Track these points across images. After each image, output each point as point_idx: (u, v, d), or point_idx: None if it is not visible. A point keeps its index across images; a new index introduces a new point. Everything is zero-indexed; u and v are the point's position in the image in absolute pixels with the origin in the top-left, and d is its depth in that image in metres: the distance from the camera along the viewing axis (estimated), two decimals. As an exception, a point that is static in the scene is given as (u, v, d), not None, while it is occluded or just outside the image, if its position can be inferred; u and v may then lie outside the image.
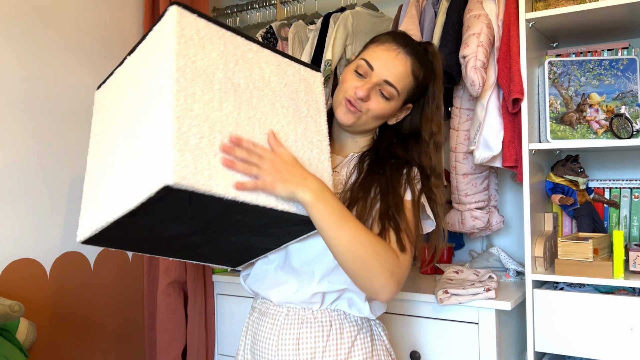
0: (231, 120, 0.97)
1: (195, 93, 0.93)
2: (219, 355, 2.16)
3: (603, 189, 1.85)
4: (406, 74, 1.18)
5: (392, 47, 1.18)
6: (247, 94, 1.01)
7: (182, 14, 0.95)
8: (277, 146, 1.02)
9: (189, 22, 0.96)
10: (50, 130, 1.80)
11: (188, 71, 0.92)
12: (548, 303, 1.60)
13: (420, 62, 1.20)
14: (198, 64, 0.94)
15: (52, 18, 1.81)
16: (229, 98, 0.98)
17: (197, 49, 0.95)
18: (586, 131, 1.68)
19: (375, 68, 1.17)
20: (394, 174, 1.17)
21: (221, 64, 0.98)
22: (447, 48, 1.73)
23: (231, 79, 0.99)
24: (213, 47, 0.98)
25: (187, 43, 0.94)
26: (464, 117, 1.82)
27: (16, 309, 1.40)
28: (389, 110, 1.20)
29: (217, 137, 0.94)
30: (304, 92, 1.13)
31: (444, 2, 1.82)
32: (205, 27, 0.98)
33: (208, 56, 0.97)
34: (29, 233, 1.73)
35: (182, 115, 0.89)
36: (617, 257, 1.55)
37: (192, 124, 0.90)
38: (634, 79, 1.66)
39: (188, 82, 0.92)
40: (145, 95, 0.98)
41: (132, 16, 2.10)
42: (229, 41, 1.02)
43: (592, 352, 1.55)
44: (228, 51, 1.01)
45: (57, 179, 1.81)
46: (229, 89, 0.98)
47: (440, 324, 1.67)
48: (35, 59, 1.76)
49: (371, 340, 1.21)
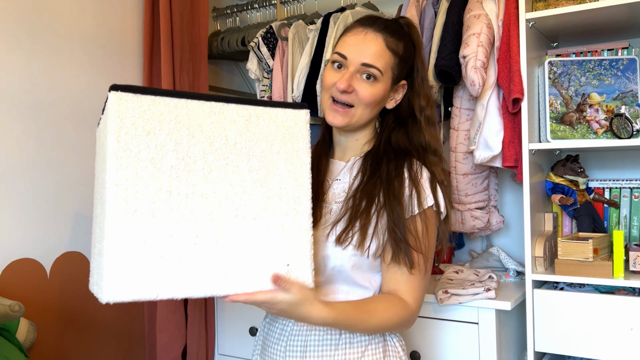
0: (184, 209, 0.91)
1: (139, 191, 0.87)
2: (219, 355, 2.16)
3: (603, 189, 1.85)
4: (382, 50, 1.13)
5: (359, 30, 1.15)
6: (205, 170, 0.93)
7: (121, 100, 0.88)
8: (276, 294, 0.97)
9: (130, 107, 0.88)
10: (50, 130, 1.79)
11: (130, 168, 0.87)
12: (548, 303, 1.60)
13: (395, 35, 1.15)
14: (142, 154, 0.88)
15: (52, 18, 1.81)
16: (181, 182, 0.91)
17: (141, 137, 0.88)
18: (586, 131, 1.68)
19: (348, 55, 1.13)
20: (394, 179, 1.13)
21: (172, 145, 0.91)
22: (447, 48, 1.73)
23: (185, 158, 0.92)
24: (162, 127, 0.90)
25: (128, 134, 0.88)
26: (464, 117, 1.81)
27: (16, 309, 1.40)
28: (379, 93, 1.14)
29: (165, 232, 0.89)
30: (281, 143, 1.00)
31: (444, 2, 1.82)
32: (151, 105, 0.90)
33: (155, 141, 0.90)
34: (29, 233, 1.73)
35: (122, 222, 0.86)
36: (617, 257, 1.55)
37: (134, 228, 0.86)
38: (634, 79, 1.66)
39: (130, 180, 0.87)
40: (100, 179, 0.96)
41: (132, 16, 2.09)
42: (183, 112, 0.93)
43: (592, 352, 1.55)
44: (181, 125, 0.92)
45: (58, 179, 1.81)
46: (182, 172, 0.91)
47: (440, 324, 1.66)
48: (35, 59, 1.75)
49: (383, 351, 1.15)
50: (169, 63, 2.06)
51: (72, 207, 1.85)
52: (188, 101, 0.93)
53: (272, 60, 2.13)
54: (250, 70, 2.18)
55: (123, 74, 2.05)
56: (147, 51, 2.07)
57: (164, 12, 2.05)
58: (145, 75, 2.08)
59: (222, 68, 2.67)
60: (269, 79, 2.14)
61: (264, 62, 2.14)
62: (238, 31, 2.41)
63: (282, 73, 2.10)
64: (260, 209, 0.97)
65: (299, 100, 2.00)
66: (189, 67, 2.17)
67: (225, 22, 2.58)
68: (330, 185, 1.20)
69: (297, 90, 1.99)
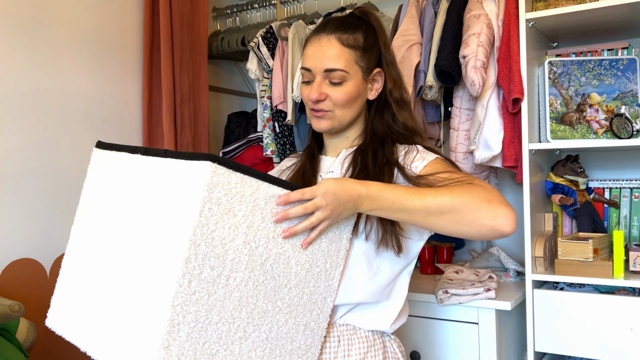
0: (234, 297, 0.87)
1: (203, 272, 0.83)
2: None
3: (603, 189, 1.85)
4: (339, 50, 1.13)
5: (314, 38, 1.17)
6: (263, 256, 0.91)
7: (216, 173, 0.83)
8: (311, 192, 0.94)
9: (220, 181, 0.84)
10: (50, 130, 1.79)
11: (202, 246, 0.83)
12: (548, 303, 1.60)
13: (349, 30, 1.15)
14: (217, 234, 0.84)
15: (52, 18, 1.81)
16: (240, 268, 0.88)
17: (221, 215, 0.85)
18: (586, 131, 1.68)
19: (311, 67, 1.15)
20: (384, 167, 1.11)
21: (244, 227, 0.88)
22: (447, 48, 1.73)
23: (250, 242, 0.89)
24: (240, 207, 0.87)
25: (212, 210, 0.83)
26: (464, 117, 1.82)
27: (16, 309, 1.40)
28: (351, 91, 1.15)
29: (212, 320, 0.85)
30: (329, 240, 1.01)
31: (444, 2, 1.82)
32: (238, 184, 0.87)
33: (231, 221, 0.86)
34: (29, 233, 1.73)
35: (180, 303, 0.81)
36: (617, 257, 1.55)
37: (189, 311, 0.82)
38: (634, 79, 1.66)
39: (199, 261, 0.83)
40: (150, 238, 0.89)
41: (132, 16, 2.09)
42: (261, 195, 0.90)
43: (592, 352, 1.55)
44: (258, 208, 0.90)
45: (58, 179, 1.81)
46: (243, 257, 0.88)
47: (440, 324, 1.67)
48: (35, 59, 1.76)
49: (383, 358, 1.13)
50: (169, 63, 2.06)
51: (72, 207, 1.85)
52: (270, 186, 0.91)
53: (272, 60, 2.13)
54: (250, 70, 2.18)
55: (123, 74, 2.05)
56: (147, 51, 2.07)
57: (164, 12, 2.05)
58: (145, 75, 2.08)
59: (222, 68, 2.67)
60: (269, 79, 2.14)
61: (264, 62, 2.14)
62: (238, 31, 2.41)
63: (282, 73, 2.10)
64: (293, 306, 0.97)
65: (298, 100, 2.00)
66: (189, 67, 2.17)
67: (225, 22, 2.58)
68: (323, 178, 1.19)
69: (297, 91, 1.99)
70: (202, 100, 2.23)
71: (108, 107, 1.99)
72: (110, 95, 2.00)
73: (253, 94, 2.65)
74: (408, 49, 1.80)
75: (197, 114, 2.21)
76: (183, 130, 2.14)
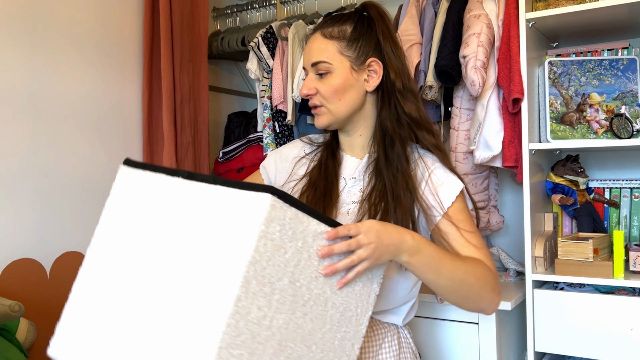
0: (275, 340, 0.83)
1: (251, 312, 0.79)
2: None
3: (603, 189, 1.85)
4: (322, 43, 1.15)
5: (309, 40, 1.21)
6: (305, 297, 0.87)
7: (274, 207, 0.81)
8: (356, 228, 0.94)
9: (277, 216, 0.81)
10: (50, 130, 1.79)
11: (254, 284, 0.79)
12: (548, 303, 1.60)
13: (335, 23, 1.16)
14: (267, 271, 0.81)
15: (52, 18, 1.81)
16: (283, 309, 0.84)
17: (274, 251, 0.81)
18: (586, 131, 1.68)
19: (304, 65, 1.20)
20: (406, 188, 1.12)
21: (292, 266, 0.85)
22: (447, 48, 1.73)
23: (295, 282, 0.86)
24: (291, 244, 0.84)
25: (266, 245, 0.80)
26: (464, 117, 1.81)
27: (16, 309, 1.40)
28: (337, 82, 1.14)
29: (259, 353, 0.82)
30: (362, 284, 0.97)
31: (444, 2, 1.82)
32: (292, 219, 0.84)
33: (282, 258, 0.83)
34: (29, 233, 1.73)
35: (226, 346, 0.76)
36: (617, 257, 1.55)
37: (233, 354, 0.77)
38: (634, 79, 1.66)
39: (249, 300, 0.79)
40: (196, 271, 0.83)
41: (132, 16, 2.09)
42: (310, 232, 0.87)
43: (592, 352, 1.55)
44: (306, 245, 0.87)
45: (58, 179, 1.81)
46: (288, 297, 0.85)
47: (440, 324, 1.67)
48: (35, 59, 1.75)
49: (398, 343, 1.18)
50: (169, 63, 2.06)
51: (72, 207, 1.85)
52: (319, 223, 0.89)
53: (272, 60, 2.13)
54: (250, 70, 2.18)
55: (123, 74, 2.05)
56: (147, 51, 2.07)
57: (164, 12, 2.05)
58: (145, 75, 2.08)
59: (222, 68, 2.67)
60: (269, 78, 2.14)
61: (264, 62, 2.14)
62: (238, 31, 2.41)
63: (282, 73, 2.10)
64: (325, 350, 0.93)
65: (298, 100, 2.00)
66: (189, 67, 2.17)
67: (225, 22, 2.58)
68: (347, 183, 1.19)
69: (297, 91, 1.99)
70: (202, 100, 2.23)
71: (108, 106, 1.99)
72: (110, 95, 2.00)
73: (253, 94, 2.65)
74: (408, 49, 1.80)
75: (197, 114, 2.21)
76: (183, 130, 2.14)
